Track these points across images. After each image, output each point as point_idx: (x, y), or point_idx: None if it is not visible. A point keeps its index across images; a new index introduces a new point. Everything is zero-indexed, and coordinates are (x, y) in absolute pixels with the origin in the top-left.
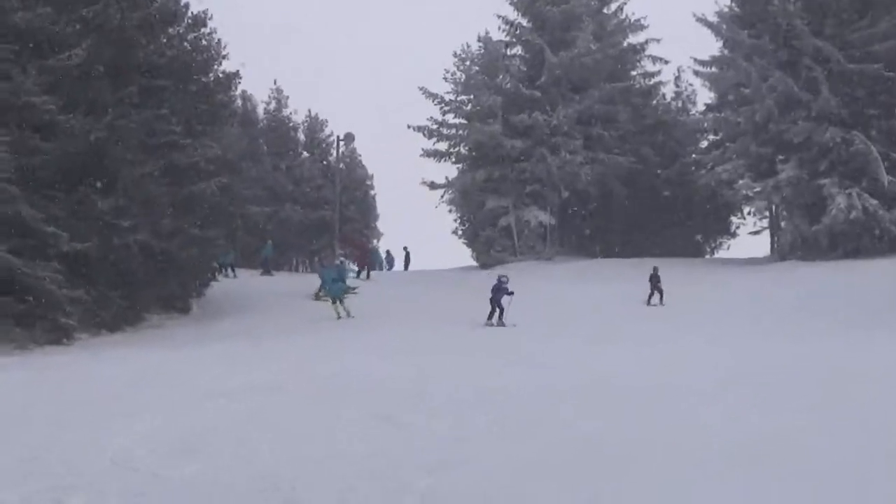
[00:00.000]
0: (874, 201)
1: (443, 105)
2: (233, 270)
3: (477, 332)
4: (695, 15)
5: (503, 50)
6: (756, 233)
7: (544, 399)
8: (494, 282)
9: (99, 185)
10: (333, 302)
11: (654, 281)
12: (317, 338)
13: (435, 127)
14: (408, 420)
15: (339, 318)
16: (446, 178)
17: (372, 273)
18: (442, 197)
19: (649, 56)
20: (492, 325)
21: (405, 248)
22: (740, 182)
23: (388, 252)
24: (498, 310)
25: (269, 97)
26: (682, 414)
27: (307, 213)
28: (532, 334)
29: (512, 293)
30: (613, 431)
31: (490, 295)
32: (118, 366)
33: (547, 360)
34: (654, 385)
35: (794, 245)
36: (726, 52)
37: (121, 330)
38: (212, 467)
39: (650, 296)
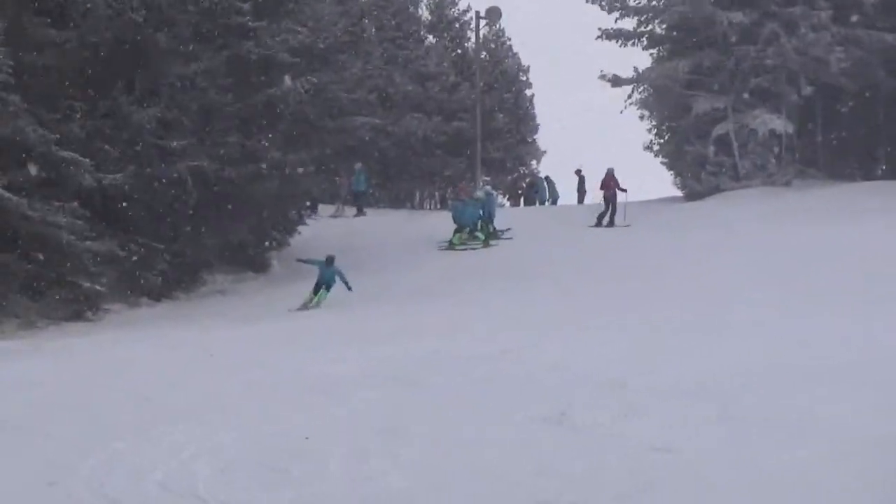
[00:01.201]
0: None
1: None
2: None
3: (711, 296)
4: None
5: None
6: None
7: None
8: None
9: (135, 90)
10: (316, 291)
11: None
12: (456, 303)
13: None
14: (591, 421)
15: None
16: (635, 69)
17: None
18: (629, 97)
19: None
20: None
21: (578, 173)
22: None
23: (547, 178)
24: None
25: None
26: None
27: (435, 125)
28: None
29: None
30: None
31: None
32: (166, 350)
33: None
34: None
35: None
36: None
37: (169, 298)
38: (311, 494)
39: None
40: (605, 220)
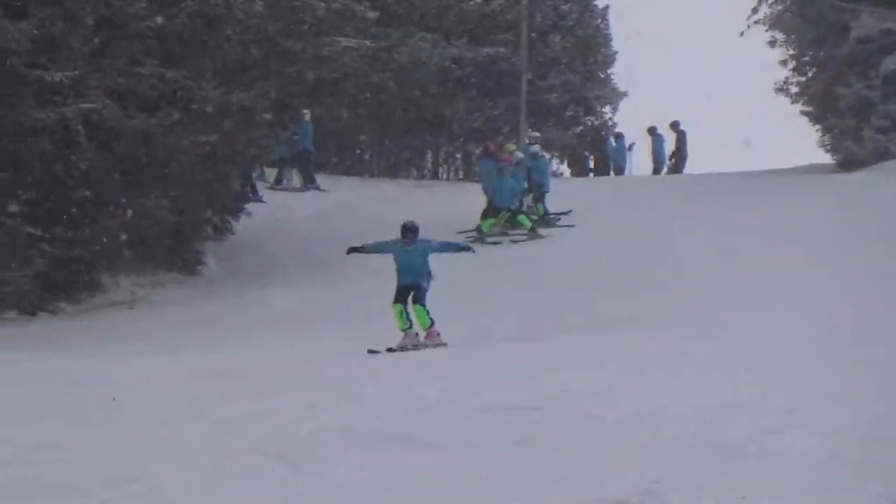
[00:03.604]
0: None
1: None
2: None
3: None
4: None
5: None
6: None
7: None
8: None
9: None
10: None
11: None
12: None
13: None
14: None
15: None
16: None
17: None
18: (754, 12)
19: None
20: None
21: (675, 126)
22: None
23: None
24: None
25: None
26: None
27: (458, 52)
28: None
29: None
30: None
31: None
32: (35, 391)
33: None
34: None
35: None
36: None
37: (47, 311)
38: None
39: None
40: None
